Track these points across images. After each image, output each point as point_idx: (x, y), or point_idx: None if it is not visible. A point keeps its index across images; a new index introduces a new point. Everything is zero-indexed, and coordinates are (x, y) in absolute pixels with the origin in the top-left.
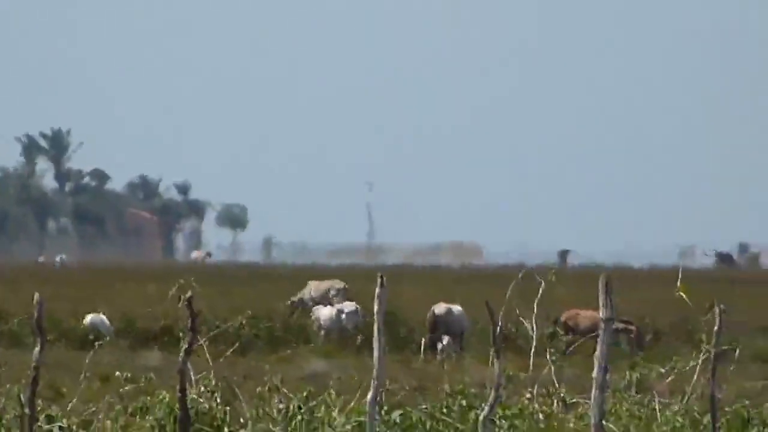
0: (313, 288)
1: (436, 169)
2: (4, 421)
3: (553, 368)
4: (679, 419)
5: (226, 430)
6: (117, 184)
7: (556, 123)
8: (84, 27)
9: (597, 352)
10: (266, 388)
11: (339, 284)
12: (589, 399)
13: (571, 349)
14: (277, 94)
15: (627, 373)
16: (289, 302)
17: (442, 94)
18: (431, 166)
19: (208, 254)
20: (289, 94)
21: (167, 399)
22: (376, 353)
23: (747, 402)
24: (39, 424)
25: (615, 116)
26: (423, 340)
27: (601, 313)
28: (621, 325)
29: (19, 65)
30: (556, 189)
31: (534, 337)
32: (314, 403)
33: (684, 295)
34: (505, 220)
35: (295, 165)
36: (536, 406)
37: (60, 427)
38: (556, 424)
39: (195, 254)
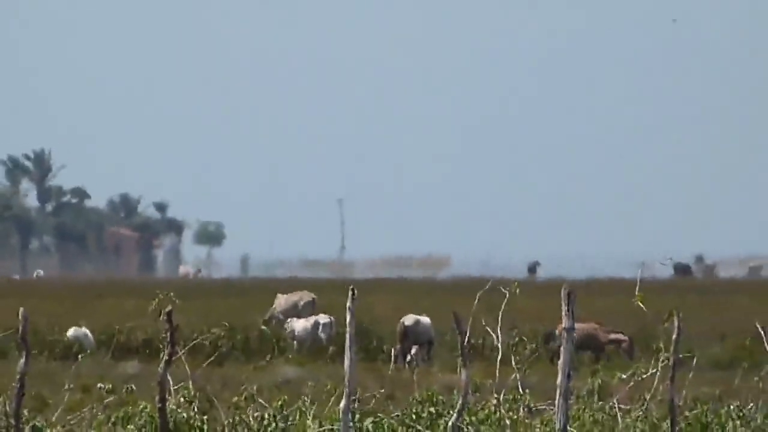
0: (282, 300)
1: (406, 181)
2: None
3: (518, 376)
4: (639, 424)
5: None
6: (98, 202)
7: (522, 138)
8: (63, 49)
9: (560, 360)
10: (242, 397)
11: (308, 296)
12: (554, 405)
13: (535, 355)
14: (250, 116)
15: (589, 380)
16: (262, 321)
17: (410, 108)
18: (401, 179)
19: (199, 270)
20: (259, 116)
21: (148, 409)
22: (347, 362)
23: (705, 407)
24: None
25: (577, 128)
26: (393, 350)
27: (563, 323)
28: (614, 336)
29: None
30: (523, 201)
31: (499, 346)
32: (289, 411)
33: (641, 304)
34: (474, 232)
35: (268, 183)
36: (502, 412)
37: None
38: (522, 430)
39: (184, 270)
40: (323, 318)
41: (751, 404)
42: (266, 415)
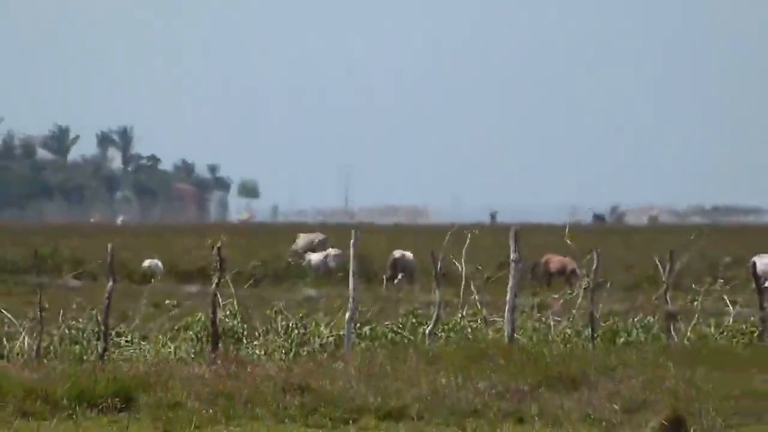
0: (302, 239)
1: (393, 146)
2: (86, 335)
3: (476, 296)
4: (568, 331)
5: (244, 341)
6: (166, 165)
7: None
8: (143, 48)
9: (510, 284)
10: (273, 311)
11: (321, 236)
12: (504, 318)
13: (491, 280)
14: (279, 96)
15: (531, 298)
16: (288, 256)
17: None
18: (391, 146)
19: (252, 216)
20: (285, 96)
21: (202, 319)
22: (351, 285)
23: (616, 318)
24: (111, 337)
25: (527, 83)
26: (385, 276)
27: (511, 256)
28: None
29: (93, 69)
30: (484, 161)
31: (463, 274)
32: (307, 321)
33: (570, 242)
34: (446, 187)
35: (293, 150)
36: (465, 322)
37: (125, 340)
38: (480, 336)
39: (242, 215)
40: (333, 251)
41: (650, 317)
42: (290, 324)
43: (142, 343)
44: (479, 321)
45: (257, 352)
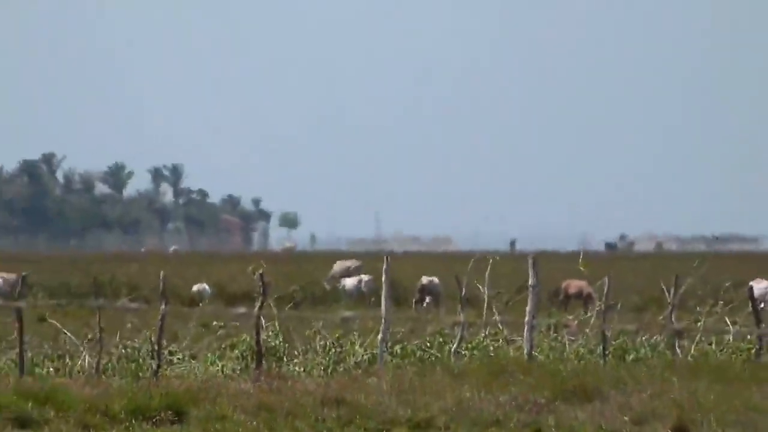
0: (338, 265)
1: (427, 172)
2: (141, 354)
3: (497, 317)
4: (582, 349)
5: (285, 359)
6: (214, 198)
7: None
8: (186, 91)
9: (528, 306)
10: (312, 331)
11: (356, 263)
12: (523, 336)
13: (510, 303)
14: (325, 131)
15: (548, 319)
16: (325, 281)
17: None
18: (416, 179)
19: (294, 246)
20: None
21: (247, 339)
22: (384, 307)
23: (626, 337)
24: (164, 356)
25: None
26: (414, 299)
27: (530, 281)
28: (591, 290)
29: (146, 109)
30: (506, 185)
31: (486, 297)
32: (343, 341)
33: (584, 269)
34: (468, 214)
35: (327, 180)
36: (488, 341)
37: (177, 358)
38: (501, 353)
39: (286, 244)
40: (366, 277)
41: (656, 336)
42: (328, 343)
43: (192, 361)
44: (500, 340)
45: (297, 369)
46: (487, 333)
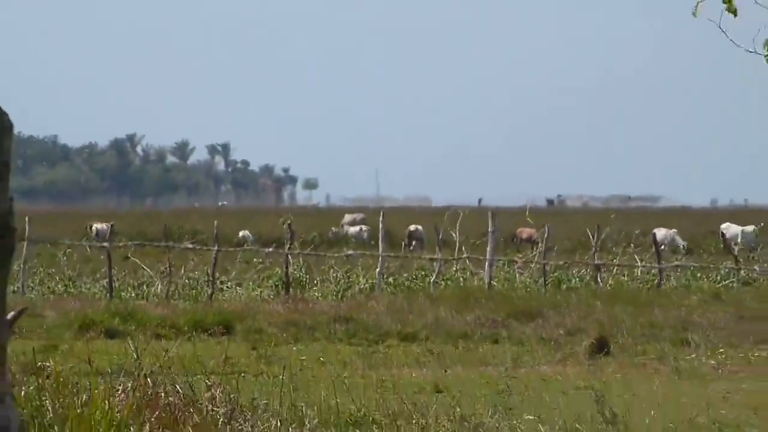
0: (347, 217)
1: (407, 149)
2: (200, 283)
3: (466, 254)
4: (528, 279)
5: (306, 287)
6: (255, 167)
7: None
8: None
9: (488, 247)
10: (328, 266)
11: (361, 215)
12: (484, 271)
13: (477, 244)
14: (344, 112)
15: (503, 257)
16: (338, 228)
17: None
18: (408, 147)
19: (318, 203)
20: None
21: (279, 272)
22: (380, 249)
23: (560, 271)
24: (217, 285)
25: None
26: (403, 243)
27: (489, 228)
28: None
29: (206, 93)
30: (474, 156)
31: (457, 241)
32: (349, 272)
33: (530, 220)
34: (450, 178)
35: (345, 154)
36: (459, 274)
37: (226, 286)
38: (468, 283)
39: (313, 201)
40: (365, 227)
41: (583, 270)
42: (338, 275)
43: (238, 288)
44: (468, 273)
45: (316, 294)
46: (457, 268)
